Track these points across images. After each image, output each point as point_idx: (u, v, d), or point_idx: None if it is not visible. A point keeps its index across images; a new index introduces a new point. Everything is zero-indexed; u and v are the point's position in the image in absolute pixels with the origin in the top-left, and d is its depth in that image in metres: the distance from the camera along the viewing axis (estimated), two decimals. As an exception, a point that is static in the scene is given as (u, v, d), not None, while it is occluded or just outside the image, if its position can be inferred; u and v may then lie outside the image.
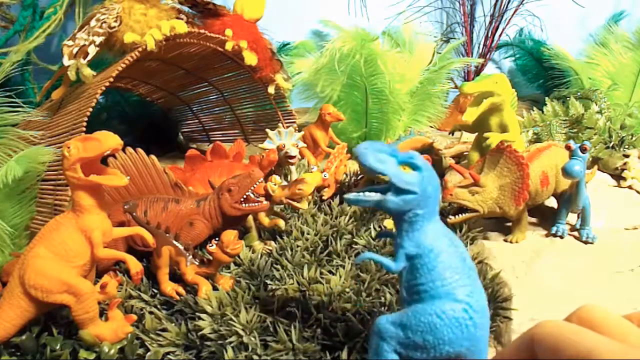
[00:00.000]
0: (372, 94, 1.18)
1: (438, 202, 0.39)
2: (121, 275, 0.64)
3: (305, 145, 1.01)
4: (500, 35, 1.60)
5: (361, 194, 0.39)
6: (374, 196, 0.38)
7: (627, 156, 1.05)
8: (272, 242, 0.73)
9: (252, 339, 0.51)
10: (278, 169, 0.91)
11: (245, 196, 0.67)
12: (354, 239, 0.71)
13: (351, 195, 0.39)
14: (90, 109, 0.72)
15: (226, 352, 0.50)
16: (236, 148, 0.88)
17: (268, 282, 0.63)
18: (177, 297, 0.60)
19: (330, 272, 0.64)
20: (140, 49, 0.80)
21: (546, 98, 1.33)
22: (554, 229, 0.78)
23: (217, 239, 0.60)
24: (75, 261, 0.52)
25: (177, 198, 0.71)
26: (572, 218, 0.80)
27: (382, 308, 0.56)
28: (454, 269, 0.38)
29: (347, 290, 0.59)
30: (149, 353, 0.51)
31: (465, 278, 0.38)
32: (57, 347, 0.51)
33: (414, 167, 0.38)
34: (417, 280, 0.39)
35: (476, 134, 0.93)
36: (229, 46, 0.93)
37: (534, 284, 0.65)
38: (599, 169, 1.05)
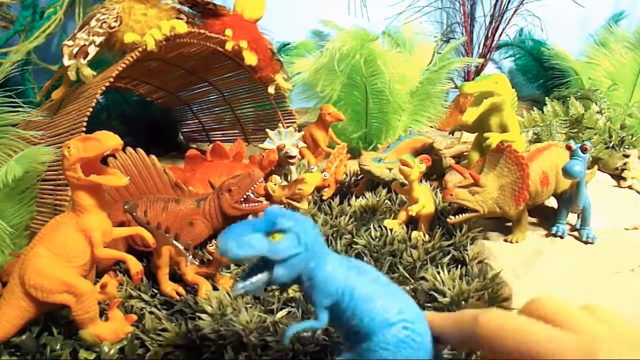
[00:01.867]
0: (372, 94, 1.18)
1: (322, 241, 0.37)
2: (121, 275, 0.64)
3: (305, 145, 1.02)
4: (500, 35, 1.60)
5: (247, 282, 0.36)
6: (261, 278, 0.36)
7: (627, 156, 1.05)
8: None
9: (252, 339, 0.51)
10: (278, 169, 0.91)
11: (245, 196, 0.67)
12: (354, 239, 0.72)
13: (238, 288, 0.36)
14: (90, 109, 0.72)
15: (226, 352, 0.50)
16: (236, 148, 0.88)
17: (268, 282, 0.63)
18: (177, 297, 0.60)
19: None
20: (140, 49, 0.80)
21: (546, 98, 1.33)
22: (554, 229, 0.78)
23: (217, 239, 0.60)
24: (75, 261, 0.52)
25: (177, 198, 0.71)
26: (572, 218, 0.80)
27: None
28: (373, 297, 0.36)
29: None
30: (149, 353, 0.51)
31: (388, 299, 0.37)
32: (57, 347, 0.51)
33: (282, 231, 0.35)
34: (346, 325, 0.37)
35: (476, 134, 0.93)
36: (229, 46, 0.93)
37: (534, 284, 0.65)
38: (599, 169, 1.05)
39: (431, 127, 1.30)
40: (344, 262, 0.38)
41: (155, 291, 0.62)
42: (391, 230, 0.73)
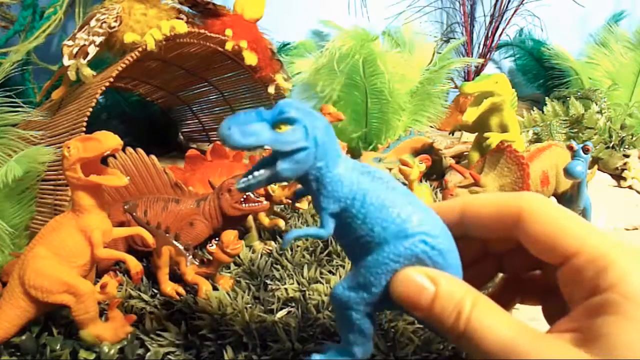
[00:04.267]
0: (372, 94, 1.17)
1: (336, 142, 0.34)
2: (121, 275, 0.64)
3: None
4: (500, 35, 1.60)
5: (249, 177, 0.33)
6: (264, 173, 0.32)
7: (627, 156, 1.05)
8: (272, 242, 0.73)
9: (252, 339, 0.51)
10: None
11: (245, 196, 0.67)
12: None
13: (241, 183, 0.33)
14: (90, 109, 0.72)
15: (226, 352, 0.50)
16: (236, 148, 0.88)
17: (268, 282, 0.63)
18: (177, 297, 0.60)
19: (330, 272, 0.64)
20: (140, 49, 0.80)
21: (546, 98, 1.33)
22: (554, 229, 0.78)
23: (217, 239, 0.60)
24: (75, 261, 0.52)
25: (177, 198, 0.71)
26: (572, 218, 0.80)
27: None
28: (389, 205, 0.32)
29: (347, 290, 0.59)
30: (149, 353, 0.51)
31: (406, 207, 0.32)
32: (57, 347, 0.51)
33: (290, 121, 0.31)
34: (355, 234, 0.33)
35: (476, 134, 0.93)
36: (229, 46, 0.93)
37: (534, 284, 0.65)
38: (599, 169, 1.05)
39: (431, 127, 1.30)
40: (357, 166, 0.34)
41: (155, 291, 0.62)
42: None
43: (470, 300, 0.28)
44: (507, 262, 0.36)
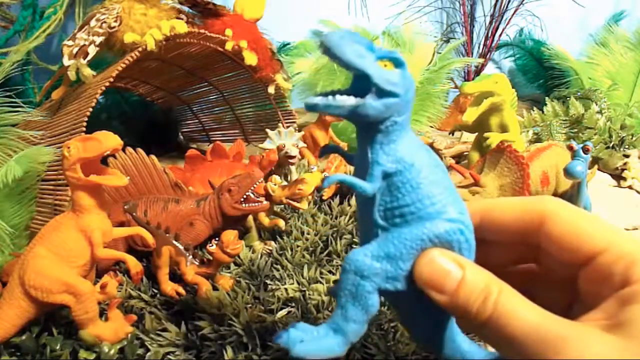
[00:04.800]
0: (372, 94, 1.17)
1: (412, 104, 0.32)
2: (121, 275, 0.64)
3: (305, 145, 1.02)
4: (500, 35, 1.60)
5: (330, 97, 0.30)
6: (349, 100, 0.30)
7: (627, 156, 1.05)
8: (272, 242, 0.73)
9: (252, 339, 0.51)
10: (278, 169, 0.91)
11: (245, 196, 0.67)
12: (354, 239, 0.72)
13: (317, 100, 0.30)
14: (90, 109, 0.72)
15: (226, 352, 0.50)
16: (236, 148, 0.88)
17: (268, 282, 0.63)
18: (177, 297, 0.60)
19: (330, 272, 0.64)
20: (140, 49, 0.80)
21: (546, 98, 1.33)
22: (554, 229, 0.78)
23: (217, 239, 0.60)
24: (75, 261, 0.52)
25: (177, 198, 0.71)
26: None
27: (383, 307, 0.56)
28: (440, 184, 0.31)
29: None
30: (149, 353, 0.51)
31: (453, 193, 0.32)
32: (57, 347, 0.51)
33: (397, 64, 0.30)
34: (399, 201, 0.31)
35: (476, 134, 0.93)
36: (229, 46, 0.93)
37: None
38: (599, 169, 1.05)
39: (431, 127, 1.30)
40: (419, 139, 0.33)
41: (155, 291, 0.62)
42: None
43: (497, 287, 0.28)
44: (512, 272, 0.36)
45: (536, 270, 0.34)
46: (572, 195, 0.76)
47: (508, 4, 1.57)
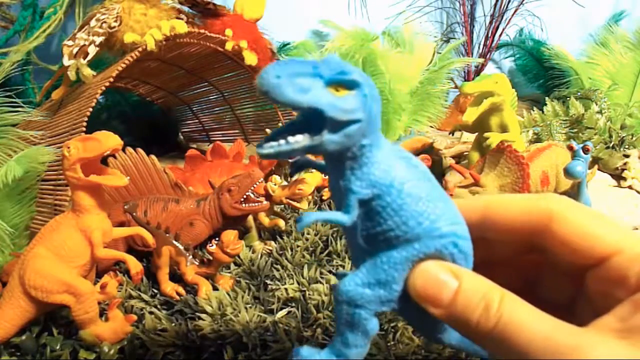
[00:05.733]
0: (372, 94, 1.17)
1: (380, 116, 0.29)
2: (121, 275, 0.64)
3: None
4: (500, 35, 1.60)
5: (280, 141, 0.26)
6: (302, 141, 0.26)
7: (627, 156, 1.05)
8: (272, 242, 0.73)
9: (252, 339, 0.51)
10: (278, 169, 0.91)
11: (245, 196, 0.67)
12: (354, 239, 0.71)
13: (267, 149, 0.26)
14: (90, 109, 0.72)
15: (226, 352, 0.50)
16: (236, 148, 0.88)
17: (268, 282, 0.63)
18: (177, 297, 0.60)
19: (330, 272, 0.64)
20: (140, 49, 0.80)
21: (546, 98, 1.33)
22: (554, 229, 0.78)
23: (217, 239, 0.60)
24: (75, 261, 0.52)
25: (177, 198, 0.71)
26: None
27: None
28: (425, 197, 0.28)
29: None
30: (149, 353, 0.51)
31: (440, 202, 0.29)
32: (57, 347, 0.51)
33: (351, 85, 0.26)
34: (381, 226, 0.29)
35: (476, 134, 0.93)
36: (229, 46, 0.93)
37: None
38: (599, 169, 1.05)
39: (431, 127, 1.30)
40: (395, 149, 0.30)
41: (155, 291, 0.62)
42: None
43: (497, 295, 0.27)
44: (503, 273, 0.36)
45: (541, 260, 0.32)
46: (572, 195, 0.77)
47: (508, 4, 1.57)
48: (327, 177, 0.87)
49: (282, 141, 0.26)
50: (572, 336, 0.24)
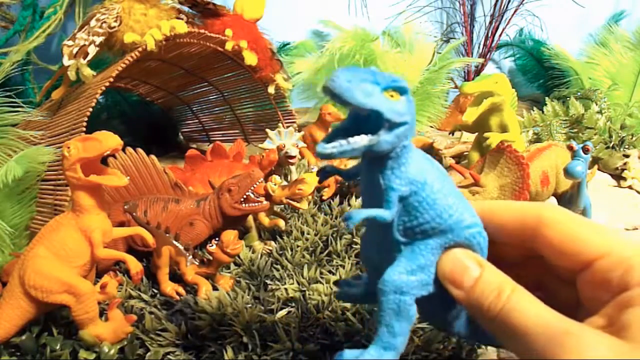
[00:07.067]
0: (372, 94, 1.17)
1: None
2: (121, 275, 0.64)
3: (305, 145, 1.02)
4: (500, 35, 1.60)
5: (342, 142, 0.30)
6: (362, 140, 0.30)
7: (627, 156, 1.05)
8: (272, 242, 0.73)
9: (252, 339, 0.51)
10: (278, 169, 0.91)
11: (245, 196, 0.67)
12: (354, 239, 0.71)
13: (330, 149, 0.29)
14: (90, 109, 0.72)
15: (226, 352, 0.50)
16: (236, 148, 0.88)
17: (268, 282, 0.63)
18: (177, 297, 0.60)
19: (330, 272, 0.64)
20: (140, 49, 0.80)
21: (546, 98, 1.33)
22: (554, 229, 0.78)
23: (217, 239, 0.60)
24: (75, 261, 0.52)
25: (177, 198, 0.71)
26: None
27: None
28: (452, 193, 0.33)
29: (347, 290, 0.59)
30: (149, 353, 0.51)
31: (462, 197, 0.33)
32: (57, 347, 0.51)
33: (402, 91, 0.30)
34: (418, 219, 0.32)
35: (476, 134, 0.93)
36: (229, 46, 0.93)
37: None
38: (599, 169, 1.05)
39: (431, 127, 1.30)
40: (420, 150, 0.34)
41: (155, 291, 0.62)
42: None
43: (510, 286, 0.30)
44: (511, 275, 0.36)
45: (543, 264, 0.35)
46: (572, 195, 0.76)
47: (508, 4, 1.57)
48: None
49: (343, 141, 0.30)
50: (566, 325, 0.27)
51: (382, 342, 0.32)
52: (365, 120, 0.30)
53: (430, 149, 0.98)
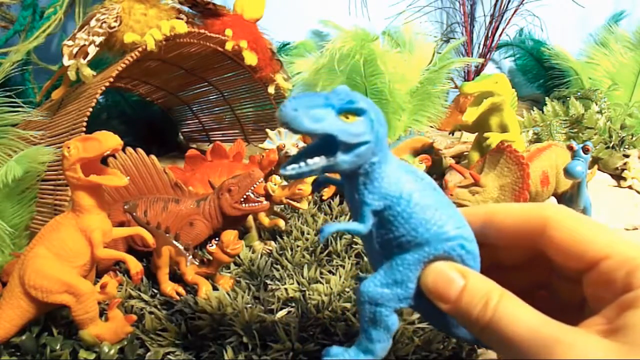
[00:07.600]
0: (372, 94, 1.17)
1: (386, 135, 0.33)
2: (121, 275, 0.64)
3: (305, 145, 1.02)
4: (500, 35, 1.60)
5: (301, 164, 0.31)
6: (319, 162, 0.31)
7: (627, 156, 1.05)
8: (272, 242, 0.73)
9: (252, 339, 0.51)
10: (278, 169, 0.91)
11: (245, 196, 0.67)
12: (354, 239, 0.71)
13: (289, 169, 0.31)
14: (90, 109, 0.72)
15: (226, 352, 0.50)
16: (236, 148, 0.88)
17: (268, 282, 0.63)
18: (177, 297, 0.60)
19: (330, 272, 0.64)
20: (140, 49, 0.80)
21: (546, 98, 1.33)
22: (554, 229, 0.78)
23: (217, 239, 0.60)
24: (75, 261, 0.52)
25: (177, 198, 0.71)
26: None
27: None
28: (432, 205, 0.32)
29: (347, 290, 0.59)
30: (149, 353, 0.51)
31: (446, 209, 0.33)
32: (57, 347, 0.51)
33: (359, 112, 0.30)
34: (393, 233, 0.32)
35: (476, 134, 0.93)
36: (229, 46, 0.93)
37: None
38: (599, 169, 1.05)
39: (431, 127, 1.30)
40: (402, 164, 0.34)
41: (155, 291, 0.62)
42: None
43: (497, 293, 0.29)
44: (515, 277, 0.36)
45: (548, 265, 0.34)
46: (572, 195, 0.76)
47: (508, 4, 1.57)
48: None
49: (302, 163, 0.31)
50: (557, 330, 0.26)
51: (361, 345, 0.34)
52: (332, 140, 0.30)
53: (430, 149, 0.98)
